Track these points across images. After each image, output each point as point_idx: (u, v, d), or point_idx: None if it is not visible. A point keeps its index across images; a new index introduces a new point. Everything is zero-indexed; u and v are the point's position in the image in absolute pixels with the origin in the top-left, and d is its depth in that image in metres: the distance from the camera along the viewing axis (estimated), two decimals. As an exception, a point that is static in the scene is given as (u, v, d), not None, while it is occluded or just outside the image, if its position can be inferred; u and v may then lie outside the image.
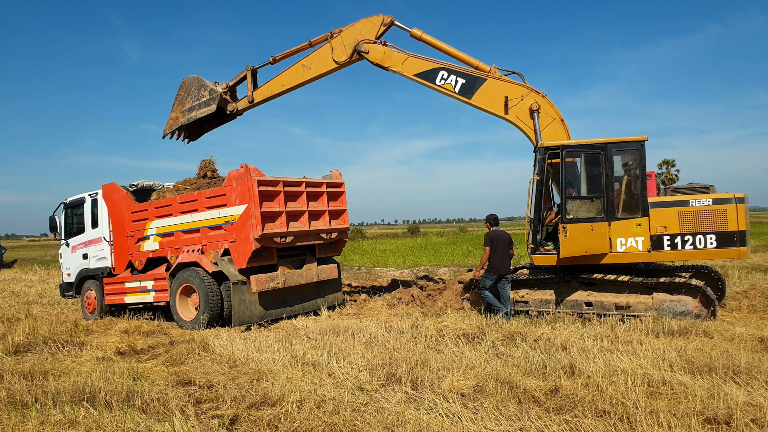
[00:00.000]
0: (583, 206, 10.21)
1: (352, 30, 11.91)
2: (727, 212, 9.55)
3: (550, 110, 10.73)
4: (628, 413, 5.11)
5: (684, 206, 9.74)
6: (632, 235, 9.94)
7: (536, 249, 10.40)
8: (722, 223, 9.56)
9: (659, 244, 9.78)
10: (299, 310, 11.90)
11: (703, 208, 9.65)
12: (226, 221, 10.83)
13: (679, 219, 9.72)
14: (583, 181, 10.31)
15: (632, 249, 9.93)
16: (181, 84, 13.34)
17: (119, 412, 5.72)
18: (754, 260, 20.19)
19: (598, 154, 10.03)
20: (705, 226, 9.63)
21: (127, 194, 12.84)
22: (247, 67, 12.92)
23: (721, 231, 9.57)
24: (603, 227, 9.98)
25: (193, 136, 14.08)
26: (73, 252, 14.14)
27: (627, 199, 10.19)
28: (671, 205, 9.82)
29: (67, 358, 8.64)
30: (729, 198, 9.62)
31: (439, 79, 11.36)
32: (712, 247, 9.62)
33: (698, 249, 9.67)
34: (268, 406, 5.80)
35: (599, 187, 10.05)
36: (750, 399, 5.29)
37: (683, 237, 9.71)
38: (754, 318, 9.75)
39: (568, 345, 7.74)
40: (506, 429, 4.96)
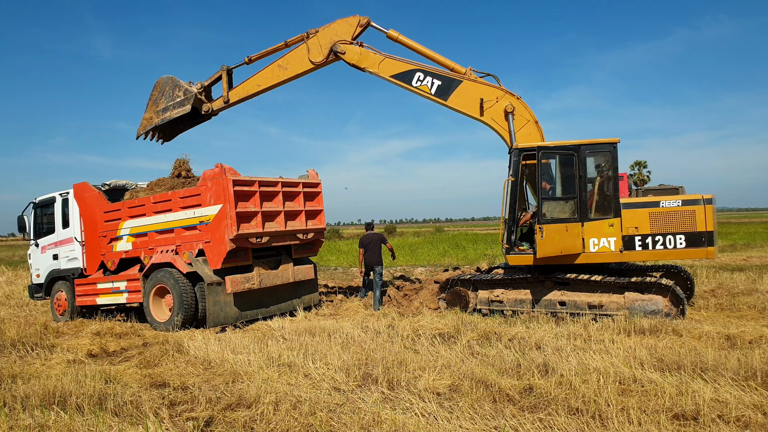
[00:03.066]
0: (558, 207, 10.37)
1: (328, 30, 11.91)
2: (695, 213, 9.75)
3: (525, 112, 10.87)
4: (600, 411, 5.20)
5: (655, 207, 9.94)
6: (605, 235, 10.12)
7: (511, 249, 10.54)
8: (691, 224, 9.76)
9: (631, 245, 9.97)
10: (275, 311, 11.84)
11: (673, 209, 9.84)
12: (201, 221, 10.73)
13: (650, 220, 9.91)
14: (558, 182, 10.46)
15: (605, 249, 10.11)
16: (155, 84, 13.19)
17: (91, 415, 5.63)
18: (722, 260, 20.70)
19: (571, 156, 10.20)
20: (675, 226, 9.83)
21: (99, 194, 12.63)
22: (222, 67, 12.83)
23: (690, 231, 9.77)
24: (576, 228, 10.16)
25: (168, 136, 13.93)
26: (43, 252, 13.86)
27: (600, 200, 10.38)
28: (642, 206, 10.01)
29: (36, 361, 8.46)
30: (698, 199, 9.81)
31: (416, 81, 11.44)
32: (681, 248, 9.82)
33: (668, 249, 9.88)
34: (244, 408, 5.77)
35: (573, 188, 10.23)
36: (717, 395, 5.43)
37: (654, 237, 9.90)
38: (721, 316, 10.00)
39: (542, 344, 7.85)
40: (481, 428, 5.01)
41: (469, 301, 11.30)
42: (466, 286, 11.46)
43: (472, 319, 10.10)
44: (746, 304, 10.96)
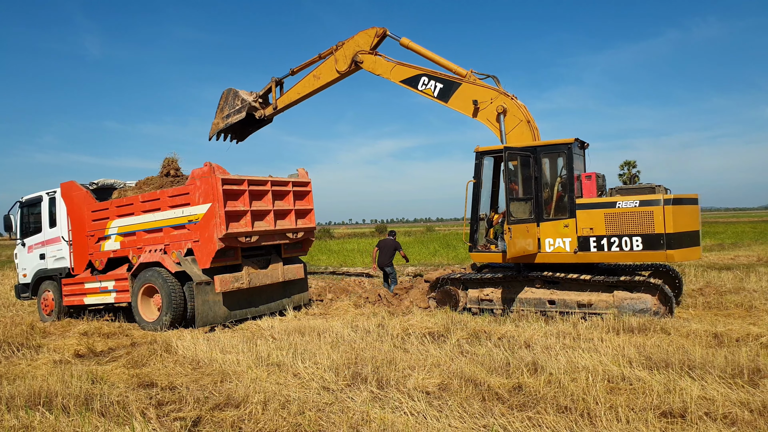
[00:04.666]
0: (521, 207, 10.49)
1: (351, 42, 13.19)
2: (653, 214, 9.36)
3: (518, 112, 10.98)
4: (588, 409, 5.22)
5: (610, 208, 9.73)
6: (560, 236, 10.19)
7: (473, 248, 10.96)
8: (648, 226, 9.42)
9: (586, 246, 9.92)
10: (264, 310, 11.79)
11: (630, 210, 9.58)
12: (190, 220, 10.66)
13: (605, 221, 9.75)
14: (519, 183, 10.55)
15: (560, 249, 10.17)
16: (221, 95, 15.12)
17: (77, 416, 5.57)
18: (710, 259, 20.86)
19: (528, 157, 10.37)
20: (631, 228, 9.54)
21: (87, 193, 12.53)
22: (272, 79, 14.58)
23: (647, 233, 9.43)
24: (533, 228, 10.31)
25: (240, 137, 15.82)
26: (30, 252, 13.72)
27: (555, 200, 10.49)
28: (598, 206, 9.86)
29: (22, 361, 8.38)
30: (657, 200, 9.39)
31: (421, 85, 12.14)
32: (638, 250, 9.53)
33: (624, 251, 9.63)
34: (232, 408, 5.73)
35: (530, 189, 10.39)
36: (704, 393, 5.46)
37: (609, 239, 9.73)
38: (709, 315, 10.06)
39: (531, 343, 7.87)
40: (470, 426, 5.01)
41: (459, 300, 11.31)
42: (456, 285, 11.47)
43: (462, 318, 10.10)
44: (733, 303, 11.04)
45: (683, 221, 9.50)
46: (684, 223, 9.52)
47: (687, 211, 9.67)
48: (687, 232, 9.59)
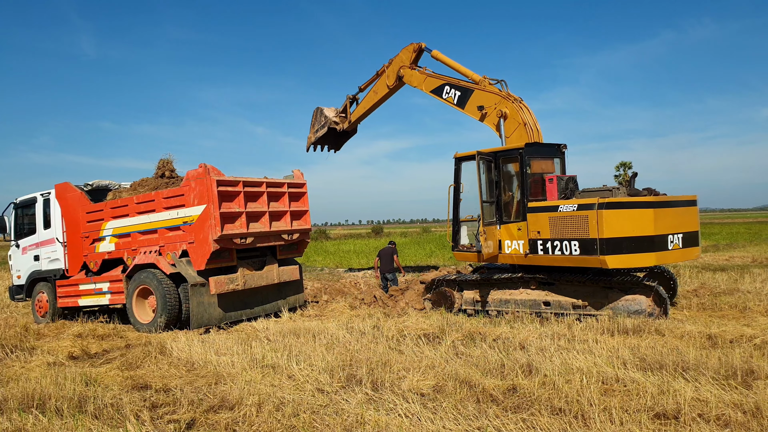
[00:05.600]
0: (488, 210, 10.85)
1: (396, 59, 14.36)
2: (588, 219, 9.25)
3: (517, 116, 11.13)
4: (582, 410, 5.22)
5: (553, 212, 9.76)
6: (515, 238, 10.43)
7: (455, 247, 11.48)
8: (583, 230, 9.33)
9: (535, 248, 10.05)
10: (260, 311, 11.77)
11: (569, 214, 9.56)
12: (185, 222, 10.64)
13: (549, 224, 9.80)
14: (485, 187, 10.91)
15: (515, 251, 10.39)
16: (313, 112, 17.01)
17: (70, 418, 5.55)
18: (704, 260, 20.93)
19: (490, 162, 10.74)
20: (571, 232, 9.51)
21: (81, 194, 12.49)
22: (347, 96, 16.06)
23: (583, 238, 9.33)
24: (495, 230, 10.66)
25: (336, 146, 17.43)
26: (24, 253, 13.67)
27: (511, 203, 10.77)
28: (544, 210, 9.93)
29: (15, 363, 8.34)
30: (592, 204, 9.27)
31: (444, 93, 12.66)
32: (576, 254, 9.49)
33: (565, 255, 9.63)
34: (226, 410, 5.72)
35: (493, 193, 10.75)
36: (697, 394, 5.48)
37: (553, 242, 9.78)
38: (703, 316, 10.09)
39: (526, 344, 7.88)
40: (464, 428, 5.01)
41: (455, 301, 11.33)
42: (452, 286, 11.49)
43: (457, 319, 10.11)
44: (728, 304, 11.07)
45: (622, 226, 9.13)
46: (624, 227, 9.13)
47: (630, 215, 9.22)
48: (631, 237, 9.13)
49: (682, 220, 9.77)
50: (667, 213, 9.54)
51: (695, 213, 10.12)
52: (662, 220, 9.38)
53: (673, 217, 9.61)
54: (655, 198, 9.54)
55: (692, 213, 10.04)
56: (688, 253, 9.90)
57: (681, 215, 9.78)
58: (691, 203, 10.09)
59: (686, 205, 9.98)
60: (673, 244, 9.52)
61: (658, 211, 9.36)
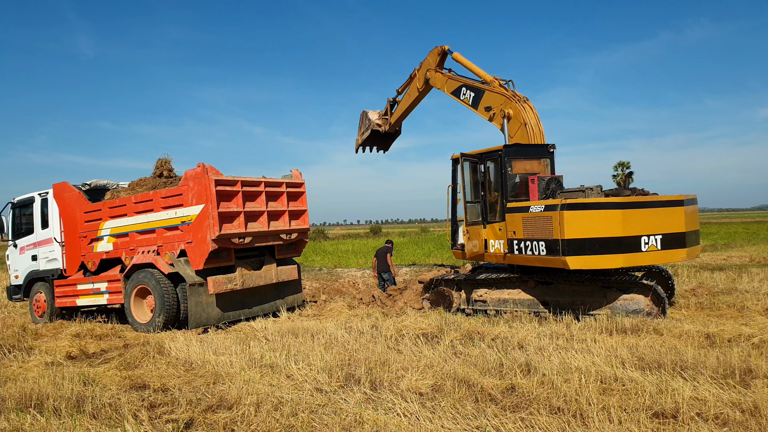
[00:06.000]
0: (472, 211, 11.07)
1: (425, 62, 14.43)
2: (552, 219, 9.32)
3: (519, 116, 11.21)
4: (581, 410, 5.22)
5: (525, 212, 9.86)
6: (498, 237, 10.58)
7: (453, 245, 11.70)
8: (548, 231, 9.41)
9: (512, 248, 10.17)
10: (258, 311, 11.76)
11: (537, 215, 9.65)
12: (183, 221, 10.62)
13: (522, 224, 9.89)
14: (469, 187, 11.19)
15: (498, 251, 10.54)
16: (360, 116, 17.41)
17: (68, 418, 5.54)
18: (702, 260, 20.96)
19: (476, 164, 10.95)
20: (539, 232, 9.60)
21: (79, 194, 12.46)
22: (387, 100, 16.40)
23: (548, 238, 9.42)
24: (480, 229, 10.88)
25: (384, 147, 17.61)
26: (22, 253, 13.64)
27: (494, 204, 10.87)
28: (518, 210, 10.05)
29: (13, 363, 8.32)
30: (555, 204, 9.33)
31: (462, 95, 12.76)
32: (542, 254, 9.56)
33: (535, 255, 9.70)
34: (225, 409, 5.71)
35: (478, 194, 10.94)
36: (696, 393, 5.48)
37: (525, 242, 9.87)
38: (701, 315, 10.10)
39: (524, 344, 7.88)
40: (463, 427, 5.01)
41: (453, 301, 11.33)
42: (450, 286, 11.49)
43: (456, 319, 10.11)
44: (726, 303, 11.09)
45: (585, 227, 9.11)
46: (588, 228, 9.11)
47: (594, 216, 9.16)
48: (595, 238, 9.09)
49: (663, 221, 9.38)
50: (642, 214, 9.27)
51: (681, 214, 9.55)
52: (634, 221, 9.18)
53: (651, 218, 9.30)
54: (625, 199, 9.35)
55: (677, 214, 9.53)
56: (671, 255, 9.48)
57: (661, 216, 9.39)
58: (676, 203, 9.57)
59: (669, 206, 9.50)
60: (648, 245, 9.24)
61: (628, 212, 9.18)
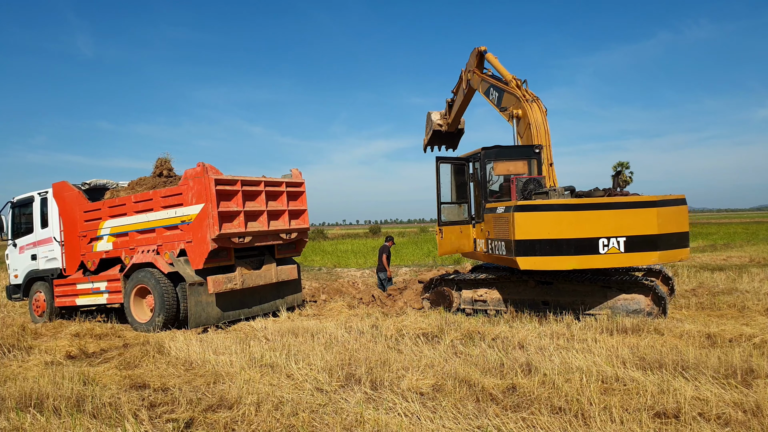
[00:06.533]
0: (452, 211, 11.45)
1: (468, 63, 14.32)
2: (508, 221, 9.48)
3: (527, 116, 11.20)
4: (582, 409, 5.21)
5: (493, 213, 10.11)
6: (481, 237, 10.89)
7: None
8: (506, 231, 9.57)
9: (489, 247, 10.45)
10: (258, 311, 11.74)
11: (499, 216, 9.80)
12: (183, 221, 10.61)
13: (493, 225, 10.12)
14: (453, 188, 11.57)
15: (482, 250, 10.87)
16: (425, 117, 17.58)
17: (68, 417, 5.52)
18: (702, 260, 20.96)
19: (462, 165, 11.31)
20: (501, 233, 9.79)
21: (79, 193, 12.44)
22: (446, 101, 16.42)
23: (506, 239, 9.60)
24: (470, 229, 11.43)
25: (453, 146, 17.57)
26: (21, 252, 13.62)
27: (477, 205, 11.24)
28: (490, 211, 10.30)
29: (13, 363, 8.31)
30: (510, 206, 9.52)
31: (490, 95, 12.81)
32: (503, 254, 9.77)
33: (500, 255, 9.93)
34: (225, 409, 5.70)
35: (464, 194, 11.38)
36: (697, 393, 5.47)
37: (494, 242, 10.13)
38: (702, 315, 10.10)
39: (525, 343, 7.86)
40: (464, 427, 5.00)
41: (453, 300, 11.31)
42: (450, 285, 11.47)
43: (456, 318, 10.10)
44: (726, 303, 11.08)
45: (536, 228, 9.24)
46: (538, 230, 9.23)
47: (545, 218, 9.25)
48: (546, 239, 9.18)
49: (628, 223, 9.16)
50: (601, 216, 9.17)
51: (652, 215, 9.17)
52: (590, 223, 9.14)
53: (612, 220, 9.17)
54: (579, 201, 9.36)
55: (646, 215, 9.19)
56: (639, 258, 9.22)
57: (625, 218, 9.17)
58: (645, 205, 9.26)
59: (635, 207, 9.23)
60: (608, 248, 9.12)
61: (581, 213, 9.16)
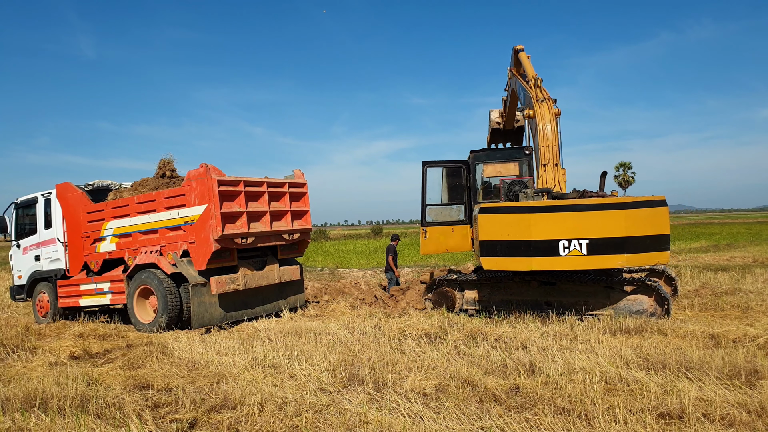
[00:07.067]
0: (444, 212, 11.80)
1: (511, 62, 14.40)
2: (478, 222, 9.88)
3: (537, 117, 11.10)
4: (585, 410, 5.21)
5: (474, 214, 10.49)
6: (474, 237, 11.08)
7: None
8: (477, 232, 9.97)
9: (474, 247, 10.84)
10: (260, 312, 11.75)
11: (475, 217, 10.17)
12: (186, 222, 10.62)
13: (475, 226, 10.40)
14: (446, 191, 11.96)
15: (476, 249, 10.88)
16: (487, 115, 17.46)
17: (72, 418, 5.54)
18: (705, 260, 20.92)
19: (459, 168, 11.58)
20: (476, 233, 10.08)
21: (82, 194, 12.47)
22: (502, 99, 16.43)
23: (476, 239, 10.00)
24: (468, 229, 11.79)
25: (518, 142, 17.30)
26: (25, 253, 13.65)
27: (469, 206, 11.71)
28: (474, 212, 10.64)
29: (17, 363, 8.33)
30: (478, 209, 9.98)
31: (519, 93, 12.76)
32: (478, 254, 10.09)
33: (477, 255, 10.15)
34: (229, 409, 5.70)
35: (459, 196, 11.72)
36: (701, 394, 5.46)
37: (475, 243, 10.43)
38: (705, 315, 10.08)
39: (528, 344, 7.86)
40: (467, 428, 5.00)
41: (456, 301, 11.30)
42: (452, 286, 11.46)
43: (459, 319, 10.09)
44: (730, 304, 11.06)
45: (497, 230, 9.52)
46: (499, 231, 9.50)
47: (504, 220, 9.48)
48: (506, 240, 9.43)
49: (590, 225, 9.10)
50: (561, 218, 9.18)
51: (619, 217, 9.02)
52: (551, 225, 9.19)
53: (573, 223, 9.14)
54: (538, 203, 9.40)
55: (613, 217, 9.04)
56: (603, 261, 9.11)
57: (588, 220, 9.11)
58: (613, 206, 9.13)
59: (599, 209, 9.13)
60: (569, 250, 9.13)
61: (540, 216, 9.24)
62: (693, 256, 23.13)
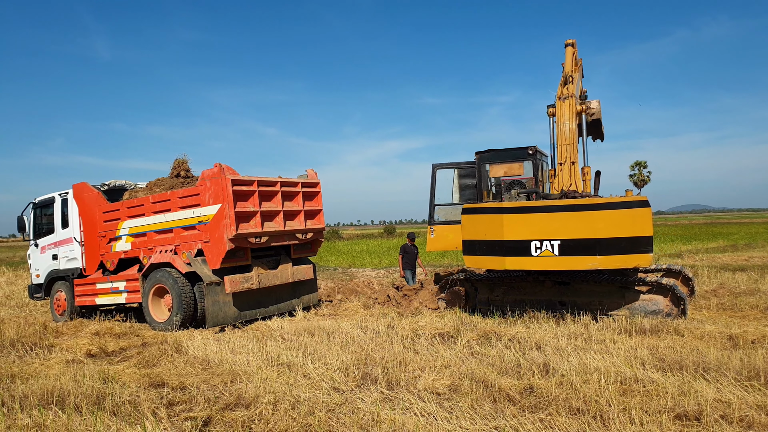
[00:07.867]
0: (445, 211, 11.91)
1: None
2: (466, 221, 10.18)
3: (558, 114, 11.08)
4: (601, 411, 5.16)
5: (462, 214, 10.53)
6: None
7: None
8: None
9: None
10: (274, 311, 11.80)
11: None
12: (200, 221, 10.69)
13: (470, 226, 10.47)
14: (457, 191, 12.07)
15: None
16: None
17: (89, 415, 5.59)
18: (723, 260, 20.65)
19: (472, 168, 11.80)
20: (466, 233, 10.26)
21: (98, 194, 12.60)
22: None
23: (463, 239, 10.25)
24: None
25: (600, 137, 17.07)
26: (43, 253, 13.83)
27: None
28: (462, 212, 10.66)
29: (35, 360, 8.43)
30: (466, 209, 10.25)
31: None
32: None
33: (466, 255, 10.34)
34: (242, 408, 5.73)
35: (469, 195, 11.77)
36: (719, 395, 5.39)
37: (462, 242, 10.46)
38: (723, 316, 9.95)
39: (542, 344, 7.81)
40: (481, 428, 4.97)
41: (469, 301, 11.26)
42: (466, 286, 11.43)
43: (472, 319, 10.06)
44: (748, 304, 10.91)
45: (476, 230, 9.96)
46: (477, 231, 9.94)
47: (480, 220, 9.92)
48: (482, 240, 9.84)
49: (562, 226, 9.14)
50: (533, 219, 9.34)
51: (591, 219, 9.00)
52: (523, 225, 9.39)
53: (545, 224, 9.21)
54: (511, 204, 9.67)
55: (585, 219, 9.03)
56: (574, 262, 9.11)
57: (559, 221, 9.16)
58: (585, 208, 9.10)
59: (571, 210, 9.15)
60: (541, 251, 9.20)
61: (512, 216, 9.49)
62: (710, 256, 22.84)
